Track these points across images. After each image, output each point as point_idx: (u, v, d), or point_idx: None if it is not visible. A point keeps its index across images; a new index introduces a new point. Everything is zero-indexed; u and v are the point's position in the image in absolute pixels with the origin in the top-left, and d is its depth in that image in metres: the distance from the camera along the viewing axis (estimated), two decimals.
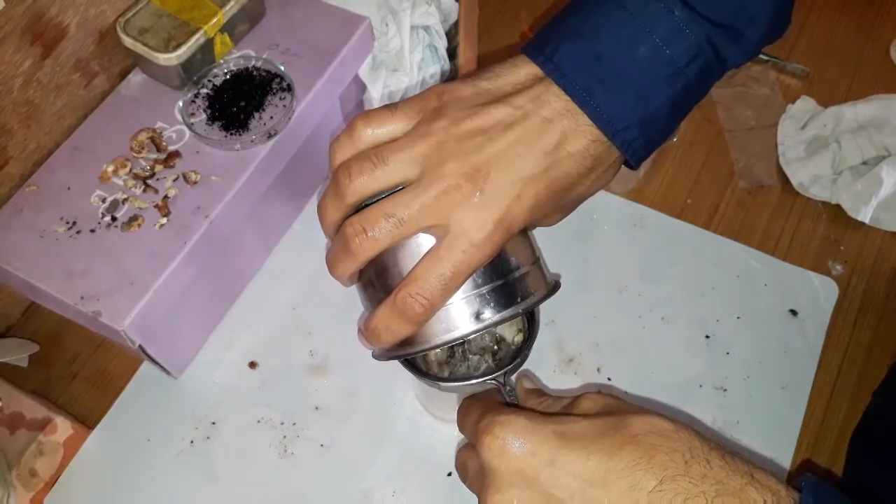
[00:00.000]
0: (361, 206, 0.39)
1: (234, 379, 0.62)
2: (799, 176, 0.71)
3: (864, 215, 0.68)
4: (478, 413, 0.36)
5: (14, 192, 0.57)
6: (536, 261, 0.41)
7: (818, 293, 0.66)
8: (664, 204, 0.71)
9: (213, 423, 0.60)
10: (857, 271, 0.68)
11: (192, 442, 0.59)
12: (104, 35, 0.62)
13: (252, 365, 0.63)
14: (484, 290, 0.38)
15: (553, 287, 0.42)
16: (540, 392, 0.42)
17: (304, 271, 0.67)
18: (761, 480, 0.33)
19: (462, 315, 0.38)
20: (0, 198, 0.58)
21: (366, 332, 0.40)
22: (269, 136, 0.58)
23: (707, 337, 0.64)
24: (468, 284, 0.37)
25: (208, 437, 0.59)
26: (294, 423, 0.60)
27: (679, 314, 0.65)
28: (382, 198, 0.37)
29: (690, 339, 0.63)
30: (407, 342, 0.39)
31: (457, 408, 0.60)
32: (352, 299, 0.67)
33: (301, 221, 0.70)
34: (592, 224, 0.69)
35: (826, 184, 0.70)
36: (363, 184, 0.37)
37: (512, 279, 0.39)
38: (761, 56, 0.80)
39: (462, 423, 0.39)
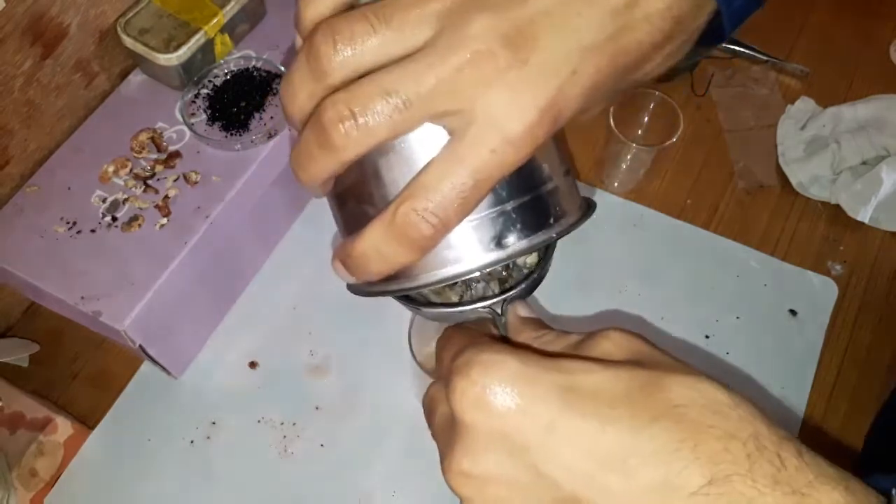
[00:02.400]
0: None
1: (235, 379, 0.62)
2: (798, 176, 0.71)
3: (864, 215, 0.68)
4: (458, 345, 0.28)
5: (15, 193, 0.57)
6: (568, 171, 0.31)
7: (818, 293, 0.66)
8: (664, 204, 0.71)
9: (214, 423, 0.60)
10: (857, 271, 0.68)
11: (192, 442, 0.59)
12: (104, 35, 0.62)
13: (252, 365, 0.63)
14: (509, 206, 0.28)
15: (589, 206, 0.33)
16: (538, 323, 0.32)
17: (304, 271, 0.67)
18: (858, 494, 0.23)
19: (479, 240, 0.28)
20: (1, 198, 0.58)
21: (349, 259, 0.29)
22: (270, 137, 0.58)
23: (707, 337, 0.64)
24: (488, 198, 0.28)
25: (208, 437, 0.59)
26: (294, 423, 0.60)
27: (679, 314, 0.65)
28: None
29: (690, 339, 0.64)
30: (402, 274, 0.29)
31: None
32: (353, 299, 0.67)
33: (301, 222, 0.70)
34: (592, 224, 0.69)
35: (825, 184, 0.71)
36: (356, 55, 0.25)
37: (544, 193, 0.29)
38: (761, 56, 0.80)
39: (439, 358, 0.30)
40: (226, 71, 0.61)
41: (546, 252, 0.35)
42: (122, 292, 0.52)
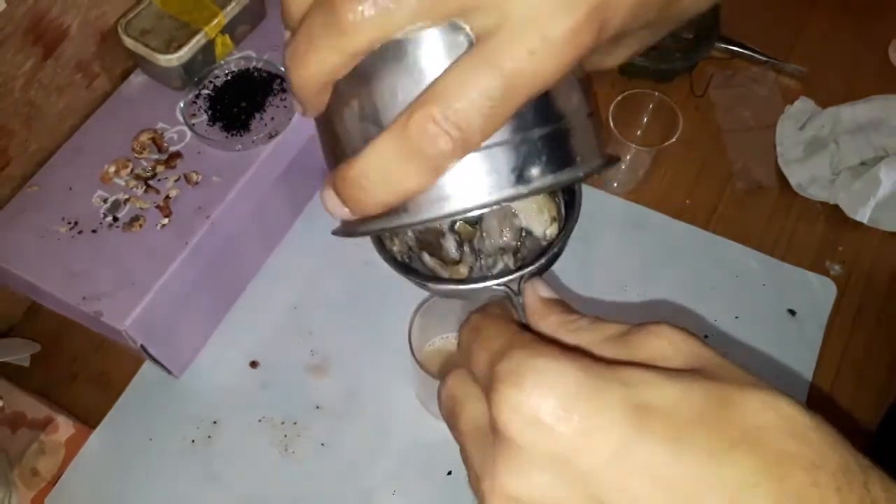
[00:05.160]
0: None
1: (236, 378, 0.62)
2: (797, 176, 0.72)
3: (863, 216, 0.68)
4: (498, 343, 0.24)
5: (16, 193, 0.57)
6: (592, 114, 0.27)
7: (816, 293, 0.66)
8: (663, 204, 0.71)
9: (215, 423, 0.60)
10: (856, 271, 0.68)
11: (193, 441, 0.59)
12: (105, 36, 0.62)
13: (253, 364, 0.63)
14: (534, 134, 0.24)
15: (610, 157, 0.29)
16: (564, 306, 0.27)
17: (305, 271, 0.67)
18: None
19: (498, 169, 0.24)
20: (2, 198, 0.58)
21: (344, 183, 0.24)
22: (270, 137, 0.58)
23: (706, 337, 0.64)
24: (511, 122, 0.23)
25: (209, 437, 0.60)
26: (295, 423, 0.60)
27: (678, 314, 0.65)
28: None
29: None
30: (403, 207, 0.24)
31: None
32: (354, 298, 0.68)
33: (302, 221, 0.70)
34: (592, 224, 0.69)
35: (824, 184, 0.71)
36: None
37: (571, 128, 0.26)
38: (760, 56, 0.80)
39: (467, 351, 0.25)
40: (226, 71, 0.61)
41: (566, 224, 0.32)
42: (123, 292, 0.52)
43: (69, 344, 0.64)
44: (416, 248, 0.32)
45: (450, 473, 0.58)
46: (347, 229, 0.27)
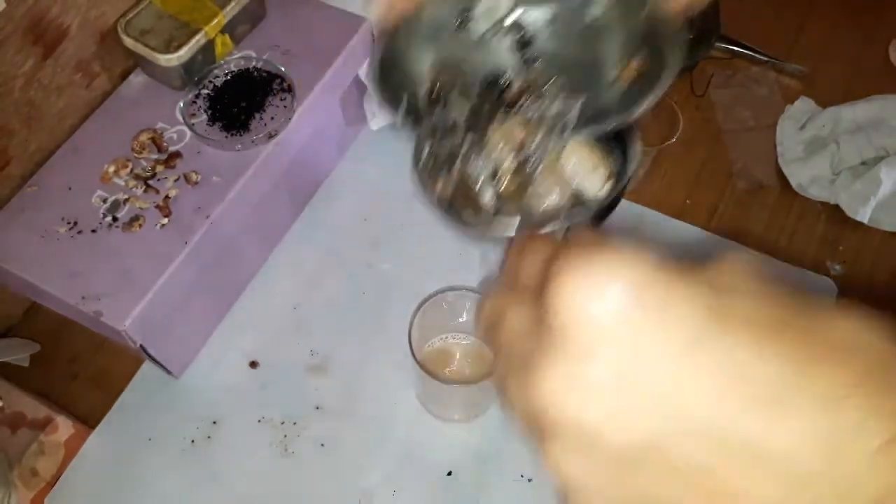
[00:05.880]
0: None
1: (235, 378, 0.62)
2: (798, 176, 0.72)
3: (863, 215, 0.68)
4: (551, 250, 0.22)
5: (16, 193, 0.57)
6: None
7: (817, 293, 0.66)
8: (663, 204, 0.71)
9: (214, 423, 0.60)
10: (856, 271, 0.68)
11: (193, 441, 0.59)
12: (105, 36, 0.62)
13: (253, 364, 0.63)
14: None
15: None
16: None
17: (304, 271, 0.67)
18: None
19: None
20: (2, 198, 0.58)
21: None
22: (270, 137, 0.58)
23: None
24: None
25: (209, 437, 0.60)
26: (295, 423, 0.60)
27: None
28: None
29: None
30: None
31: (458, 407, 0.60)
32: (354, 298, 0.68)
33: (302, 221, 0.70)
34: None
35: (825, 184, 0.71)
36: None
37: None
38: (760, 56, 0.80)
39: (514, 267, 0.23)
40: (226, 71, 0.61)
41: (619, 179, 0.32)
42: (122, 292, 0.52)
43: (69, 344, 0.64)
44: (458, 205, 0.32)
45: (450, 474, 0.58)
46: (386, 50, 0.30)
